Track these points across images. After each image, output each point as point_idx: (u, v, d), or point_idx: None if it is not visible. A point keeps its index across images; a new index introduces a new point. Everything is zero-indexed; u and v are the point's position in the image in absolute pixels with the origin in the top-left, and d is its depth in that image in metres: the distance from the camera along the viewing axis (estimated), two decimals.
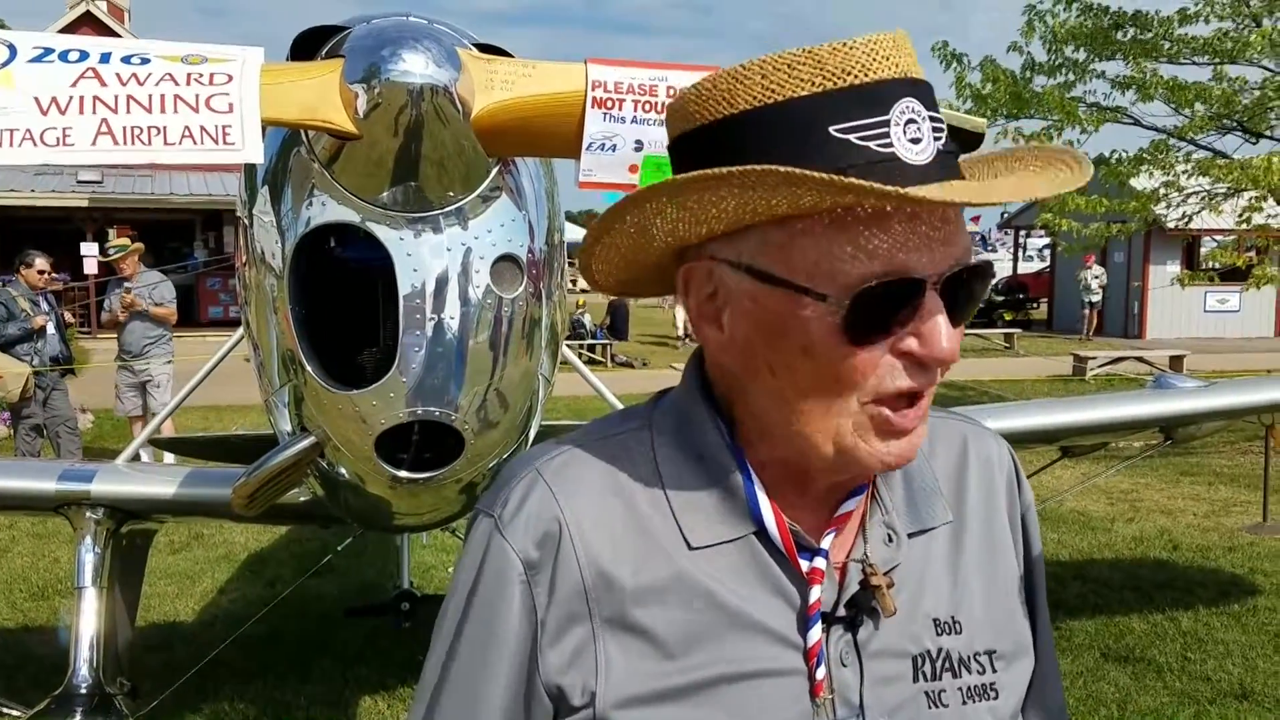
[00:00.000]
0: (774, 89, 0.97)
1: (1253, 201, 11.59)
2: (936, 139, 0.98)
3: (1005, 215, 35.62)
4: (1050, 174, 1.05)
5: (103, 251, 11.53)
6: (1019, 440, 5.21)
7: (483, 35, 2.71)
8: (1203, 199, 12.03)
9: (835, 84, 0.95)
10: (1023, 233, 34.60)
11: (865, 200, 0.92)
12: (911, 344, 0.98)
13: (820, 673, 1.04)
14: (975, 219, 62.39)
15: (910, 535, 1.13)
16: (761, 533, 1.07)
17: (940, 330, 0.97)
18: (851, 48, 0.96)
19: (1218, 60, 11.22)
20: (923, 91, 0.99)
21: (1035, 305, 30.72)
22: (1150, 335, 25.35)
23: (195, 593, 7.19)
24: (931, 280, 0.97)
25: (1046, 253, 34.48)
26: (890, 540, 1.11)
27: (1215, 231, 18.23)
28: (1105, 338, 25.29)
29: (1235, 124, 11.59)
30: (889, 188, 0.90)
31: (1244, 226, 12.22)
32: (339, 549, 6.16)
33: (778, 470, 1.08)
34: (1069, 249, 14.49)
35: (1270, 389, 5.36)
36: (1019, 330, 25.43)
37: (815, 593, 1.05)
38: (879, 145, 0.95)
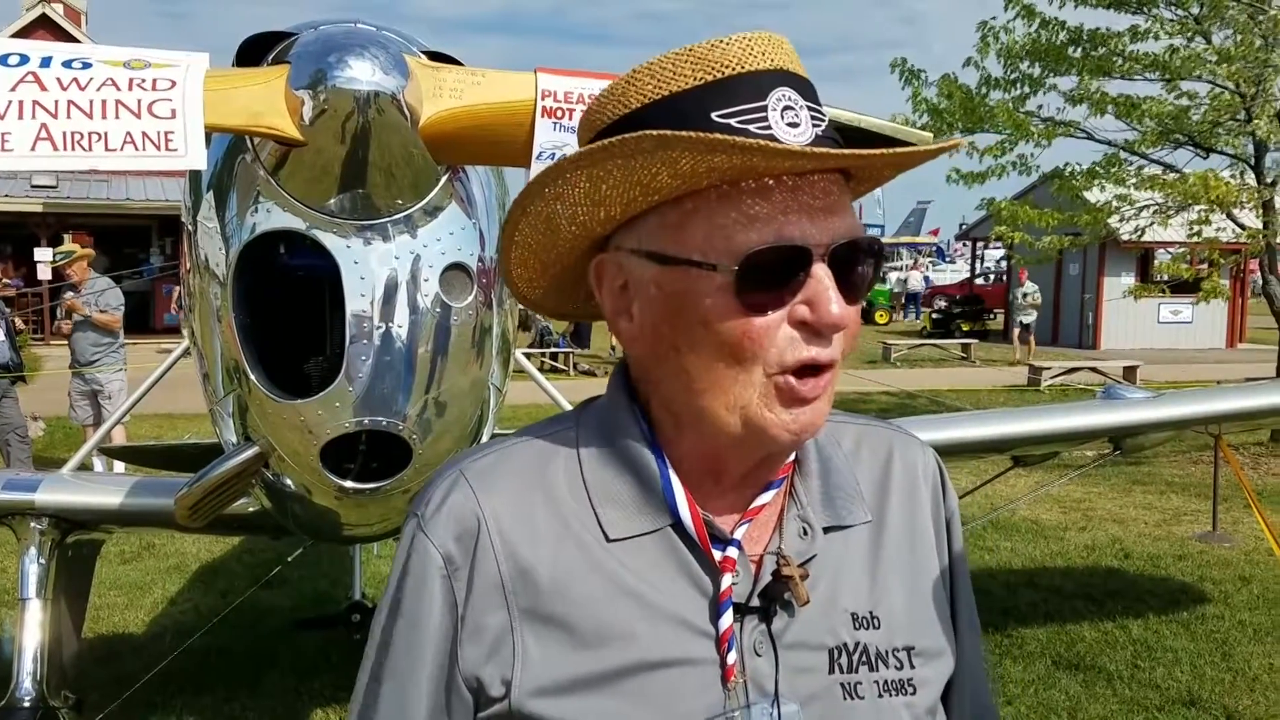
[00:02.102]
0: (661, 86, 1.05)
1: (1201, 215, 11.77)
2: (816, 126, 1.05)
3: (963, 227, 36.00)
4: (915, 145, 1.12)
5: (52, 257, 11.39)
6: (972, 450, 5.25)
7: (443, 43, 2.70)
8: (1154, 212, 12.19)
9: (714, 75, 1.03)
10: (980, 244, 34.90)
11: (734, 154, 0.98)
12: (804, 311, 1.03)
13: (731, 658, 1.07)
14: (934, 231, 62.99)
15: (827, 530, 1.16)
16: (678, 525, 1.11)
17: (829, 296, 1.02)
18: (728, 44, 1.04)
19: (1168, 77, 11.38)
20: (802, 85, 1.06)
21: (992, 316, 31.03)
22: (1105, 346, 25.69)
23: (145, 603, 7.07)
24: (819, 251, 1.03)
25: (1003, 264, 34.84)
26: (805, 534, 1.15)
27: (1169, 244, 18.49)
28: (1060, 348, 25.57)
29: (1186, 139, 11.77)
30: (751, 140, 0.98)
31: (1195, 239, 12.40)
32: (290, 559, 6.10)
33: (695, 464, 1.13)
34: (1021, 261, 14.66)
35: (1216, 400, 5.44)
36: (975, 340, 25.65)
37: (726, 580, 1.09)
38: (758, 128, 1.01)
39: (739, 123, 1.01)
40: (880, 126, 2.68)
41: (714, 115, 1.01)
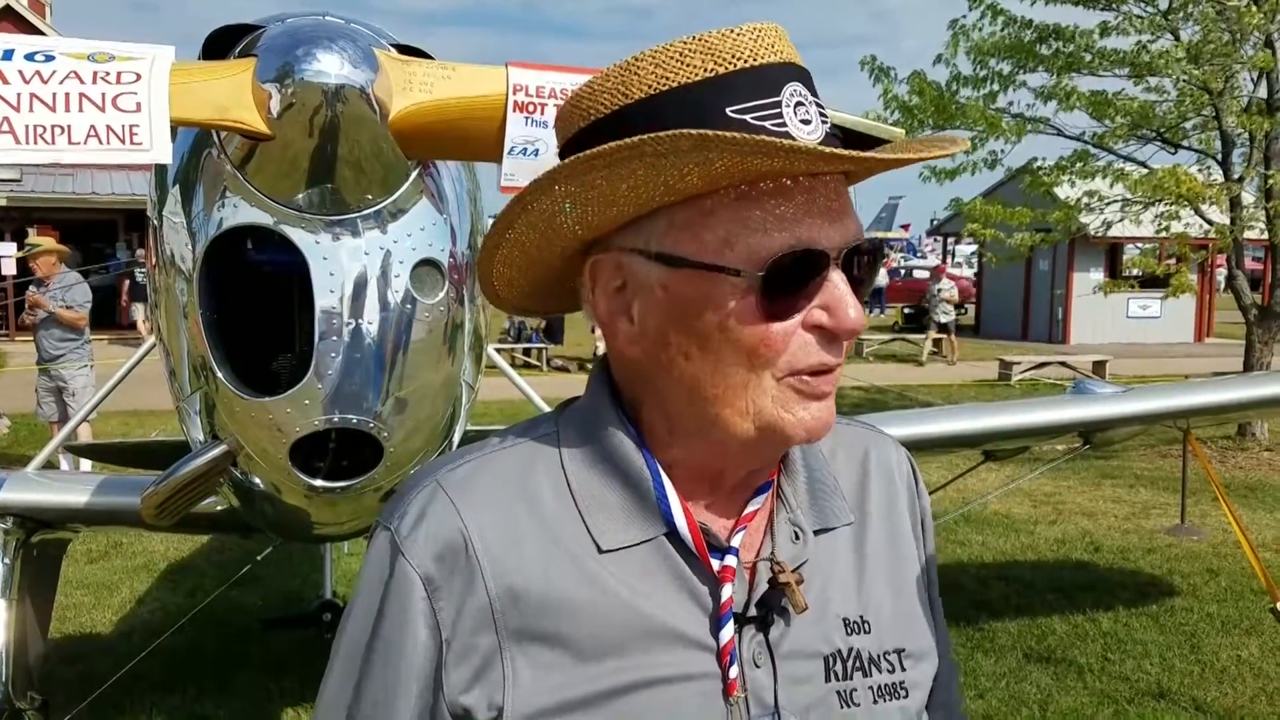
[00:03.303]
0: (668, 76, 0.99)
1: (1170, 210, 11.87)
2: (824, 123, 1.02)
3: (934, 223, 36.19)
4: (932, 148, 1.10)
5: (20, 249, 11.25)
6: (944, 444, 5.26)
7: (413, 36, 2.67)
8: (1123, 208, 12.28)
9: (726, 68, 0.98)
10: (951, 240, 35.08)
11: (776, 158, 0.95)
12: (821, 317, 1.01)
13: (733, 672, 1.03)
14: (905, 226, 63.23)
15: (815, 533, 1.13)
16: (672, 534, 1.06)
17: (846, 302, 1.00)
18: (739, 34, 1.00)
19: (1136, 74, 11.47)
20: (806, 78, 1.03)
21: (964, 311, 31.19)
22: (1074, 341, 25.84)
23: (113, 603, 7.00)
24: (834, 255, 1.01)
25: (975, 259, 34.97)
26: (797, 538, 1.12)
27: (1137, 239, 18.64)
28: (1030, 343, 25.72)
29: (1154, 134, 11.86)
30: (799, 144, 0.94)
31: (1163, 235, 12.51)
32: (259, 558, 6.04)
33: (687, 470, 1.08)
34: (993, 258, 14.74)
35: (1185, 395, 5.47)
36: (947, 336, 25.73)
37: (727, 591, 1.05)
38: (774, 125, 0.98)
39: (755, 119, 0.97)
40: (856, 124, 2.68)
41: (729, 110, 0.97)
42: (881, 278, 39.31)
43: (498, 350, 6.09)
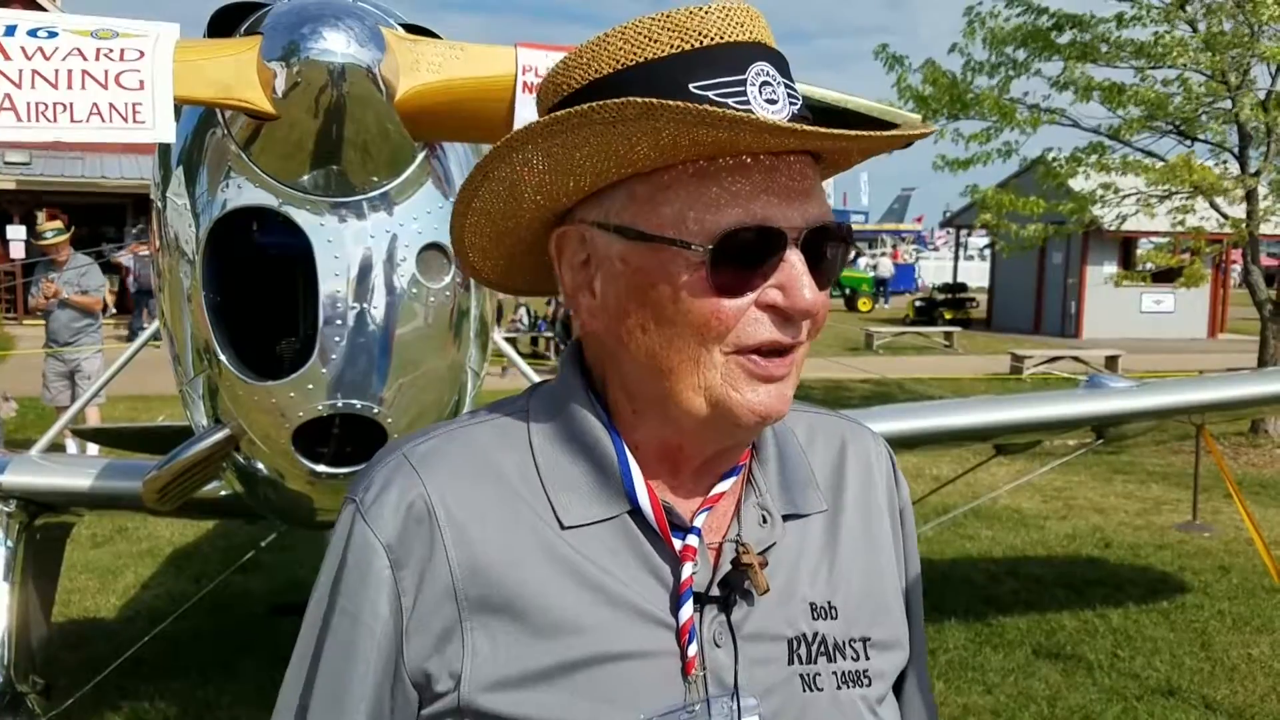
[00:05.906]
0: (635, 52, 1.01)
1: (1184, 203, 11.79)
2: (793, 104, 1.02)
3: (947, 214, 36.08)
4: (899, 133, 1.11)
5: (37, 236, 11.20)
6: (954, 438, 5.22)
7: (421, 19, 2.63)
8: (1137, 200, 12.20)
9: (692, 45, 1.00)
10: (963, 232, 34.97)
11: (721, 128, 0.95)
12: (775, 296, 1.01)
13: (691, 650, 1.04)
14: (919, 219, 63.02)
15: (785, 518, 1.14)
16: (636, 512, 1.07)
17: (802, 282, 1.01)
18: (707, 13, 1.01)
19: (1152, 65, 11.38)
20: (778, 60, 1.03)
21: (974, 304, 31.14)
22: (1087, 335, 25.72)
23: (117, 588, 6.99)
24: (793, 235, 1.01)
25: (987, 252, 34.95)
26: (765, 521, 1.13)
27: (1152, 233, 18.54)
28: (1042, 337, 25.64)
29: (1171, 126, 11.77)
30: (741, 114, 0.94)
31: (1179, 229, 12.43)
32: (264, 544, 6.02)
33: (652, 450, 1.10)
34: (1005, 248, 14.67)
35: (1199, 390, 5.43)
36: (958, 329, 25.70)
37: (687, 570, 1.06)
38: (736, 103, 0.98)
39: (717, 95, 0.98)
40: (869, 108, 2.62)
41: (692, 86, 0.98)
42: (886, 268, 39.40)
43: (506, 338, 6.06)
